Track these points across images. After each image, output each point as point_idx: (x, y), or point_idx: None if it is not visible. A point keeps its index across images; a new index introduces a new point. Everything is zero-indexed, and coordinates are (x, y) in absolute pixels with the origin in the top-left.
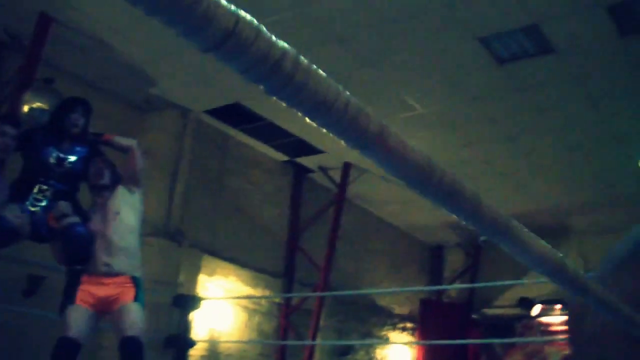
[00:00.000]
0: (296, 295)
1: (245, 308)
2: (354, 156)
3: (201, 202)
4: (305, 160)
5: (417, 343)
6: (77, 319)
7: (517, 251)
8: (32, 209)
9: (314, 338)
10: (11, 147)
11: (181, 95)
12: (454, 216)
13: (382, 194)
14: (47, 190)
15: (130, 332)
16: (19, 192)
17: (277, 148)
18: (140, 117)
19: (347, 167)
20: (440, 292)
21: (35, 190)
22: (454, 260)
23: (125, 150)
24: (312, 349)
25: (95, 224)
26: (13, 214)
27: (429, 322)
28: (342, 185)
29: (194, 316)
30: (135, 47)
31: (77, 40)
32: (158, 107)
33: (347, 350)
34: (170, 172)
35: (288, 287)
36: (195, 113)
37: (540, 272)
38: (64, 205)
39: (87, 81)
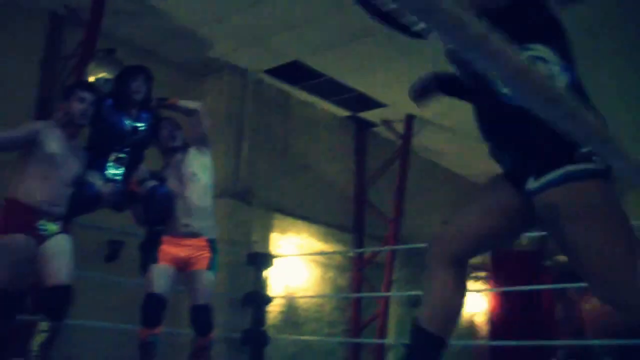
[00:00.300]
0: (368, 250)
1: (319, 263)
2: (415, 107)
3: (267, 162)
4: (368, 115)
5: (490, 290)
6: (161, 276)
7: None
8: (112, 176)
9: (387, 290)
10: (89, 113)
11: (239, 56)
12: None
13: (446, 144)
14: (123, 158)
15: (202, 301)
16: (94, 161)
17: (339, 104)
18: (200, 82)
19: (409, 119)
20: None
21: (112, 158)
22: None
23: (191, 113)
24: (386, 301)
25: (172, 186)
26: (100, 182)
27: (502, 270)
28: (406, 138)
29: (269, 273)
30: (189, 11)
31: (131, 8)
32: (216, 70)
33: (421, 300)
34: (233, 134)
35: (359, 241)
36: (254, 74)
37: None
38: (144, 170)
39: (145, 49)
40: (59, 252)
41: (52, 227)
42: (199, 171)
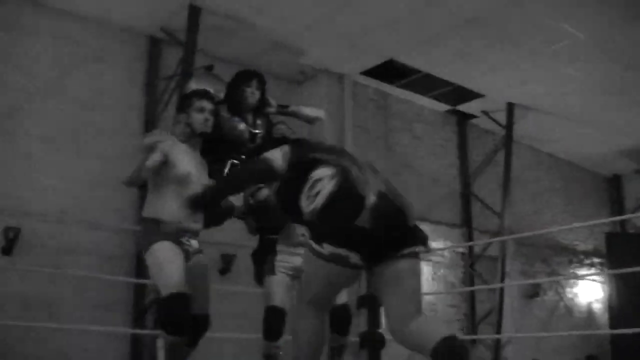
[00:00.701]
0: (478, 243)
1: (429, 262)
2: (515, 95)
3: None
4: (467, 107)
5: (606, 273)
6: (280, 287)
7: None
8: None
9: (501, 282)
10: (210, 122)
11: (333, 61)
12: (629, 142)
13: (550, 130)
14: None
15: (340, 301)
16: (212, 170)
17: (437, 98)
18: (297, 90)
19: (510, 107)
20: (624, 224)
21: (228, 166)
22: (635, 188)
23: (313, 120)
24: (501, 294)
25: None
26: None
27: (617, 255)
28: (508, 127)
29: None
30: (278, 22)
31: (224, 24)
32: (313, 77)
33: (536, 291)
34: (336, 138)
35: (467, 236)
36: (350, 76)
37: None
38: None
39: (241, 63)
40: (203, 279)
41: (195, 243)
42: None
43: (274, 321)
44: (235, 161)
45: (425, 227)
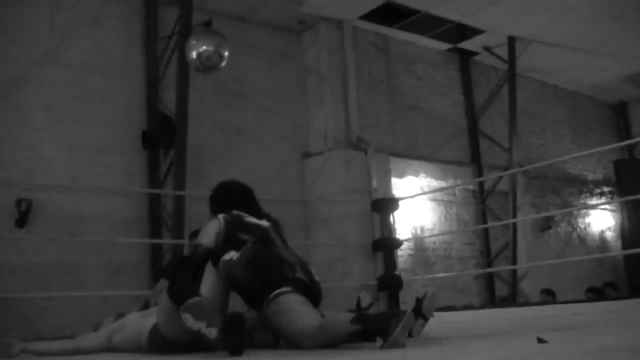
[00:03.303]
0: (488, 178)
1: (441, 201)
2: (516, 28)
3: (375, 107)
4: (468, 44)
5: (617, 201)
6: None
7: None
8: None
9: (514, 217)
10: None
11: (332, 7)
12: (634, 68)
13: (553, 61)
14: None
15: None
16: None
17: (437, 38)
18: (298, 39)
19: (512, 41)
20: (632, 151)
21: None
22: None
23: None
24: (514, 228)
25: None
26: None
27: (626, 182)
28: (511, 61)
29: (394, 218)
30: None
31: None
32: (312, 25)
33: (549, 224)
34: (339, 84)
35: (478, 173)
36: (350, 21)
37: None
38: None
39: (239, 16)
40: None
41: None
42: None
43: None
44: None
45: (434, 166)
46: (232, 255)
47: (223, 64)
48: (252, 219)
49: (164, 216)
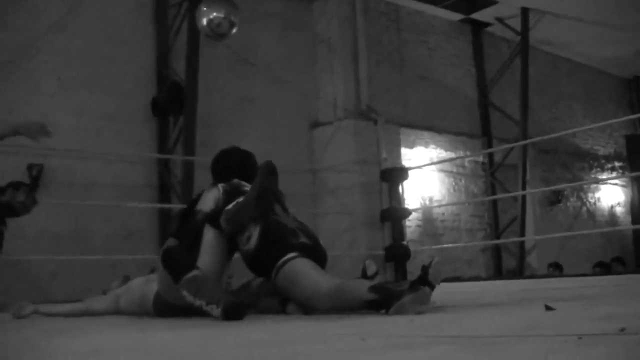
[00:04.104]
0: (497, 150)
1: (450, 173)
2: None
3: (386, 77)
4: (480, 15)
5: (627, 176)
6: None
7: None
8: None
9: (523, 190)
10: None
11: None
12: None
13: (567, 33)
14: None
15: None
16: None
17: (449, 8)
18: (309, 8)
19: (525, 12)
20: None
21: None
22: None
23: None
24: (523, 201)
25: None
26: None
27: (638, 157)
28: (524, 33)
29: (403, 188)
30: None
31: None
32: None
33: (558, 198)
34: (349, 54)
35: (487, 145)
36: None
37: None
38: None
39: None
40: None
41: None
42: None
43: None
44: None
45: (444, 138)
46: (236, 200)
47: (233, 31)
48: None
49: (173, 183)
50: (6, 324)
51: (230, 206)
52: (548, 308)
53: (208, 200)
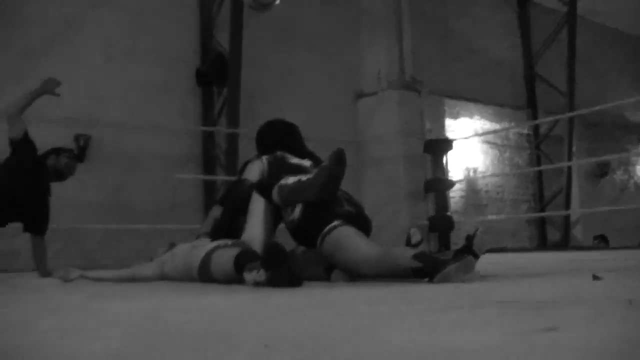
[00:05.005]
0: (543, 121)
1: (495, 145)
2: None
3: (430, 48)
4: None
5: None
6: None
7: None
8: None
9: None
10: None
11: None
12: None
13: (614, 3)
14: None
15: None
16: None
17: None
18: None
19: None
20: None
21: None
22: None
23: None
24: (568, 173)
25: None
26: None
27: None
28: (571, 2)
29: (447, 159)
30: None
31: None
32: None
33: (605, 170)
34: (393, 26)
35: (533, 117)
36: None
37: None
38: None
39: None
40: None
41: None
42: None
43: None
44: None
45: (488, 109)
46: (299, 177)
47: (277, 2)
48: (295, 159)
49: (218, 154)
50: (56, 288)
51: (289, 181)
52: (596, 277)
53: (253, 172)
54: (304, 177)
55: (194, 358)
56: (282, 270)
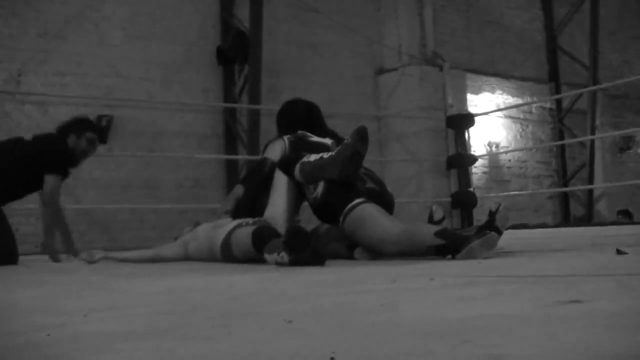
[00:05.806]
0: (566, 95)
1: (517, 119)
2: None
3: (451, 22)
4: None
5: None
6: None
7: None
8: None
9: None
10: None
11: None
12: None
13: None
14: None
15: None
16: None
17: None
18: None
19: None
20: None
21: None
22: None
23: None
24: (592, 147)
25: None
26: None
27: None
28: None
29: (469, 134)
30: None
31: None
32: None
33: (629, 144)
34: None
35: (555, 91)
36: None
37: None
38: None
39: None
40: None
41: None
42: None
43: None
44: None
45: (510, 83)
46: (322, 154)
47: None
48: (316, 138)
49: (240, 132)
50: (80, 269)
51: (311, 158)
52: (620, 252)
53: (275, 151)
54: (326, 155)
55: (219, 334)
56: (305, 252)
